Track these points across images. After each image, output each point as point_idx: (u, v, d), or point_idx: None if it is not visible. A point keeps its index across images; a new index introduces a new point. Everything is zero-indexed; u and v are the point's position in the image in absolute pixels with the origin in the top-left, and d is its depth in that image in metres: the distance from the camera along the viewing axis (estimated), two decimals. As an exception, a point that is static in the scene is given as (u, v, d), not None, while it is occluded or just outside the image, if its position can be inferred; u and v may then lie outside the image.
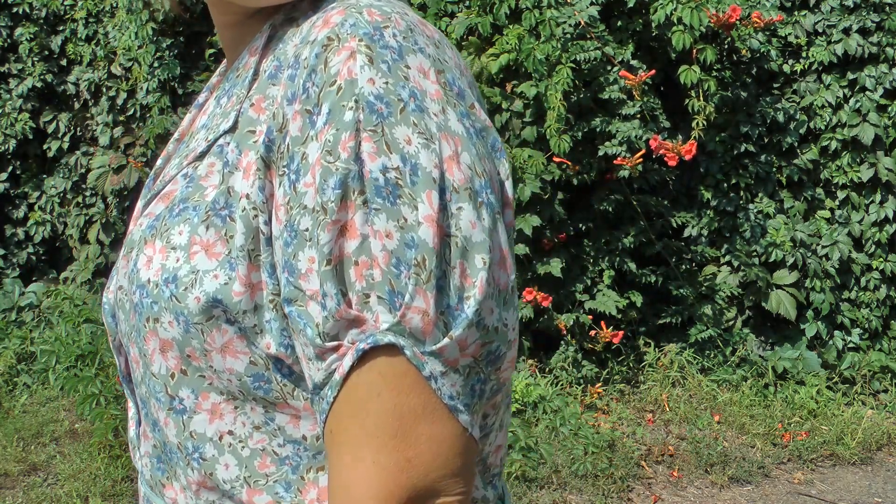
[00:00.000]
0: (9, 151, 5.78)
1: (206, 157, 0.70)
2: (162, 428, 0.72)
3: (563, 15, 3.89)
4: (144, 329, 0.69)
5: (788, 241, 4.40)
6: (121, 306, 0.72)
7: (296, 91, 0.62)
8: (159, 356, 0.69)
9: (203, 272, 0.65)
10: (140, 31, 5.30)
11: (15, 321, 5.20)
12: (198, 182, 0.69)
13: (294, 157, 0.62)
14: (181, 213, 0.68)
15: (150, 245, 0.69)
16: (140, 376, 0.72)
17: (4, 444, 3.70)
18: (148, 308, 0.68)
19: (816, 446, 3.81)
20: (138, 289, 0.68)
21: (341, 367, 0.60)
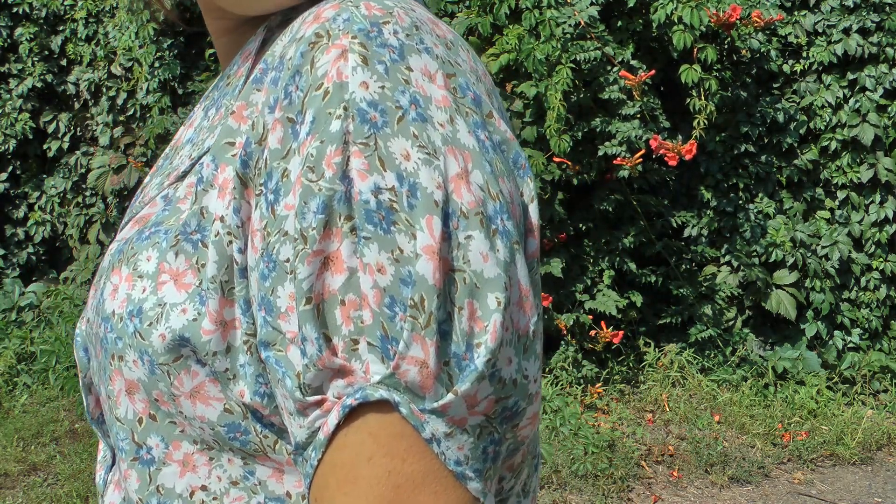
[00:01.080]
0: (9, 151, 5.78)
1: (187, 178, 0.62)
2: (126, 479, 0.62)
3: (563, 15, 3.89)
4: (110, 367, 0.59)
5: (788, 241, 4.40)
6: (90, 340, 0.63)
7: (278, 96, 0.53)
8: (125, 398, 0.59)
9: (170, 305, 0.56)
10: (141, 31, 5.30)
11: (15, 321, 5.20)
12: (175, 204, 0.61)
13: (272, 174, 0.52)
14: (151, 236, 0.59)
15: (116, 272, 0.60)
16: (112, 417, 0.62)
17: (4, 444, 3.70)
18: (112, 344, 0.59)
19: (816, 446, 3.81)
20: (103, 322, 0.59)
21: (326, 426, 0.50)
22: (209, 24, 0.72)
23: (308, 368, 0.50)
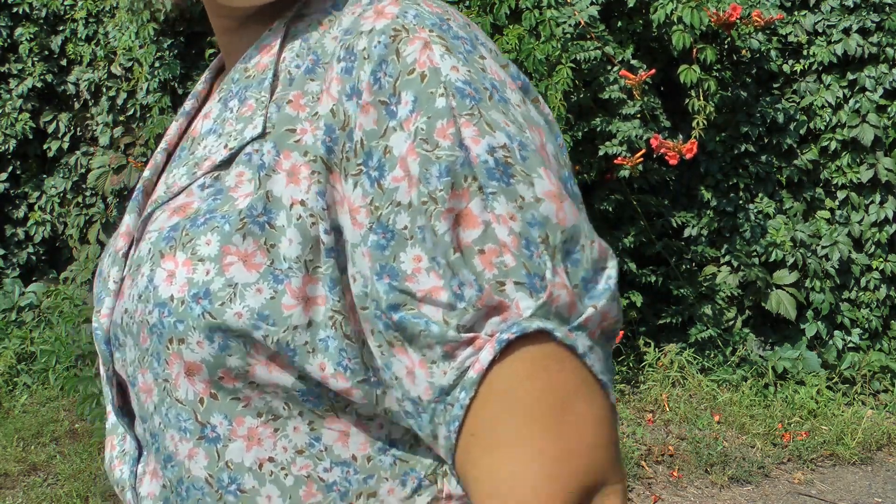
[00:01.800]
0: (9, 151, 5.78)
1: (233, 167, 0.63)
2: (183, 462, 0.63)
3: (563, 15, 3.89)
4: (167, 351, 0.61)
5: (788, 241, 4.40)
6: (127, 331, 0.65)
7: (356, 83, 0.58)
8: (185, 380, 0.62)
9: (243, 285, 0.58)
10: (141, 31, 5.30)
11: (15, 321, 5.20)
12: (227, 193, 0.62)
13: (372, 153, 0.56)
14: (207, 222, 0.61)
15: (169, 259, 0.61)
16: (152, 406, 0.64)
17: (4, 444, 3.70)
18: (171, 328, 0.60)
19: (816, 446, 3.81)
20: (157, 308, 0.61)
21: (478, 363, 0.54)
22: (214, 21, 0.74)
23: (466, 310, 0.54)
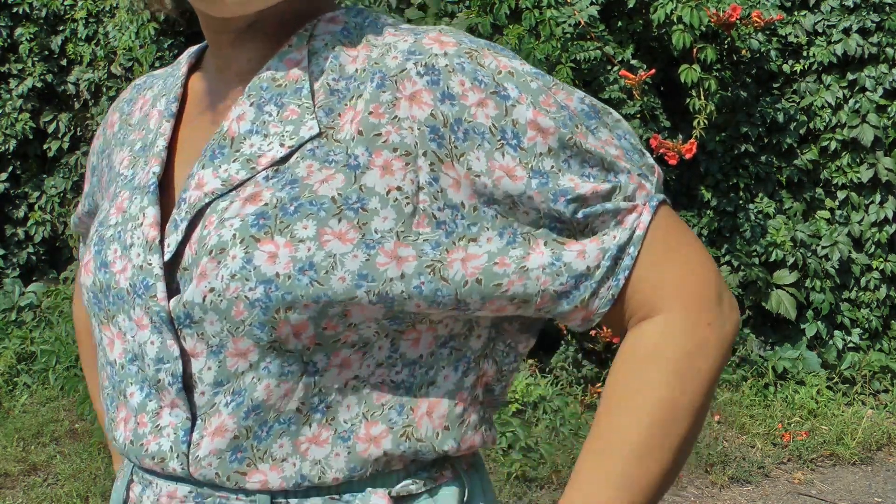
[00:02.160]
0: (9, 151, 5.78)
1: (297, 161, 0.74)
2: (274, 403, 0.74)
3: (563, 15, 3.89)
4: (274, 320, 0.71)
5: (788, 241, 4.40)
6: (210, 308, 0.72)
7: (447, 90, 0.73)
8: (293, 339, 0.72)
9: (341, 255, 0.70)
10: (141, 30, 5.30)
11: (15, 321, 5.20)
12: (301, 183, 0.73)
13: (505, 129, 0.73)
14: (298, 209, 0.72)
15: (267, 242, 0.71)
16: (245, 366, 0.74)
17: (4, 444, 3.70)
18: (279, 300, 0.70)
19: (816, 446, 3.81)
20: (261, 284, 0.70)
21: (641, 224, 0.75)
22: (209, 36, 0.83)
23: (628, 185, 0.76)
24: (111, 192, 0.86)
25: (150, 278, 0.75)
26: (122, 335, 0.79)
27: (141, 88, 0.94)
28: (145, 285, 0.76)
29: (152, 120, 0.86)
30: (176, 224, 0.76)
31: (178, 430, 0.76)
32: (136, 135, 0.87)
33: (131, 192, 0.81)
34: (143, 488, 0.81)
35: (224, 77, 0.82)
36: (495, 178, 0.72)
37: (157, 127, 0.84)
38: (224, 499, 0.77)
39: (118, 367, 0.80)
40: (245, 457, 0.75)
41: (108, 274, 0.79)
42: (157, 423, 0.78)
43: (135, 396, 0.79)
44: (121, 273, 0.78)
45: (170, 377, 0.76)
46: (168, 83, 0.88)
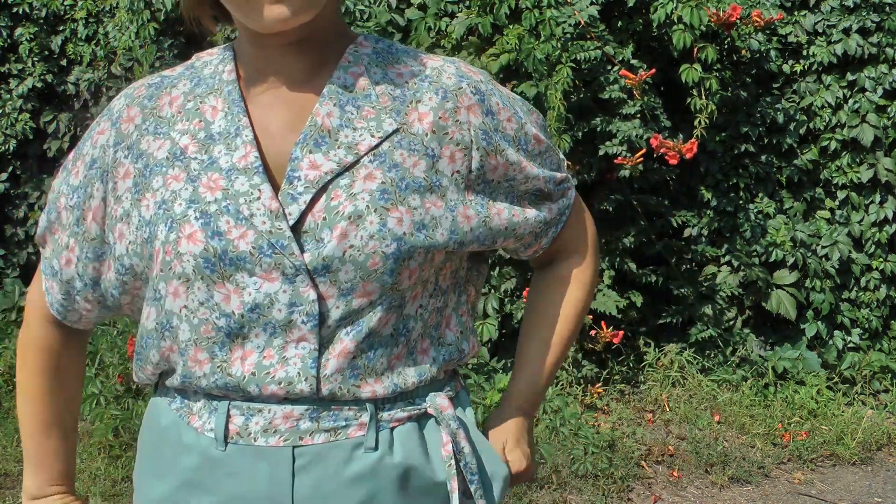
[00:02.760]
0: (9, 151, 5.77)
1: (387, 148, 0.99)
2: (380, 329, 1.00)
3: (563, 15, 3.89)
4: (398, 267, 0.97)
5: (788, 241, 4.40)
6: (348, 259, 0.95)
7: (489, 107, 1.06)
8: (407, 281, 0.99)
9: (438, 217, 1.00)
10: (141, 31, 5.30)
11: (15, 321, 5.20)
12: (401, 166, 0.99)
13: (520, 139, 1.08)
14: (407, 187, 0.98)
15: (394, 210, 0.97)
16: (366, 303, 0.98)
17: (4, 444, 3.69)
18: (405, 253, 0.97)
19: (816, 446, 3.81)
20: (395, 241, 0.96)
21: (572, 192, 1.18)
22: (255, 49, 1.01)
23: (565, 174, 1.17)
24: (174, 174, 0.99)
25: (282, 240, 0.95)
26: (240, 290, 0.96)
27: (159, 87, 1.05)
28: (279, 245, 0.95)
29: (209, 112, 1.01)
30: (294, 197, 0.96)
31: (306, 358, 0.97)
32: (184, 125, 1.01)
33: (227, 172, 0.97)
34: (246, 418, 0.99)
35: (281, 81, 1.01)
36: (520, 167, 1.07)
37: (229, 118, 0.99)
38: (337, 410, 1.00)
39: (237, 317, 0.96)
40: (359, 373, 0.99)
41: (223, 241, 0.95)
42: (283, 356, 0.97)
43: (259, 337, 0.97)
44: (240, 239, 0.95)
45: (304, 317, 0.96)
46: (209, 83, 1.03)
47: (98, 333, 4.66)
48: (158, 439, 1.06)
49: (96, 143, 1.05)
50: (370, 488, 1.00)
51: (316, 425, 0.99)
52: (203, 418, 1.02)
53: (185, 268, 0.96)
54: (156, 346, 1.02)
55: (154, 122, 1.02)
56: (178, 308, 0.98)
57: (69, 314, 1.12)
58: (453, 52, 4.10)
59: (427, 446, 1.04)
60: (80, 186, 1.05)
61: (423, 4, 4.21)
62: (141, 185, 1.01)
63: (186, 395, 1.04)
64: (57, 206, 1.08)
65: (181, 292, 0.97)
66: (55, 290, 1.10)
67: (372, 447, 1.00)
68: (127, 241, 1.01)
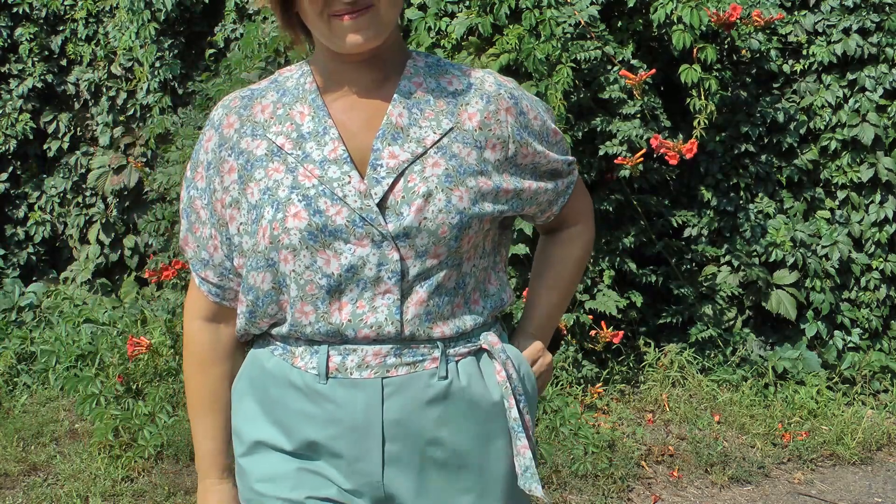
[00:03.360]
0: (9, 151, 5.77)
1: (447, 142, 1.27)
2: (444, 283, 1.27)
3: (564, 14, 3.89)
4: (461, 234, 1.25)
5: (788, 241, 4.40)
6: (422, 229, 1.23)
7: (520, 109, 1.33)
8: (466, 244, 1.27)
9: (487, 192, 1.28)
10: (141, 31, 5.30)
11: (15, 321, 5.20)
12: (458, 156, 1.26)
13: (543, 133, 1.36)
14: (464, 172, 1.26)
15: (456, 190, 1.25)
16: (435, 263, 1.25)
17: (4, 444, 3.69)
18: (466, 223, 1.25)
19: (816, 446, 3.81)
20: (458, 214, 1.24)
21: (575, 173, 1.44)
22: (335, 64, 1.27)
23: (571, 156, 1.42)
24: (274, 167, 1.25)
25: (371, 214, 1.22)
26: (338, 255, 1.22)
27: (250, 98, 1.31)
28: (369, 218, 1.22)
29: (298, 116, 1.27)
30: (377, 180, 1.23)
31: (391, 306, 1.24)
32: (278, 128, 1.27)
33: (321, 163, 1.23)
34: (343, 357, 1.25)
35: (355, 87, 1.27)
36: (544, 155, 1.36)
37: (317, 120, 1.26)
38: (415, 348, 1.26)
39: (336, 276, 1.23)
40: (431, 318, 1.27)
41: (323, 217, 1.22)
42: (373, 305, 1.24)
43: (353, 291, 1.24)
44: (336, 215, 1.22)
45: (389, 273, 1.23)
46: (294, 93, 1.29)
47: (98, 333, 4.66)
48: (265, 379, 1.31)
49: (207, 149, 1.31)
50: (444, 409, 1.28)
51: (399, 360, 1.26)
52: (305, 360, 1.27)
53: (293, 240, 1.22)
54: (275, 301, 1.28)
55: (251, 126, 1.28)
56: (288, 271, 1.25)
57: (226, 293, 1.36)
58: (453, 52, 4.10)
59: (483, 374, 1.32)
60: (206, 186, 1.31)
61: (423, 4, 4.21)
62: (244, 177, 1.27)
63: (288, 342, 1.30)
64: (194, 208, 1.33)
65: (290, 259, 1.23)
66: (211, 277, 1.35)
67: (444, 376, 1.28)
68: (238, 223, 1.28)
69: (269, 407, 1.30)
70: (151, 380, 4.15)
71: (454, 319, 1.29)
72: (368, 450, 1.25)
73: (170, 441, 3.60)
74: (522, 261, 4.05)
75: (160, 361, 4.22)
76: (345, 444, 1.25)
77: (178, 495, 3.32)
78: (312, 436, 1.27)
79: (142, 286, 5.66)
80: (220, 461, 1.39)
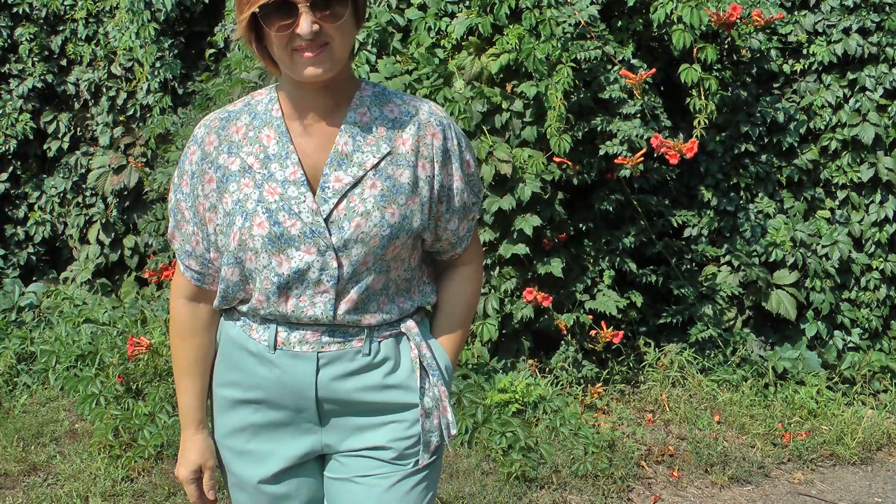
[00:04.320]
0: (9, 151, 5.77)
1: (387, 166, 1.53)
2: (371, 286, 1.55)
3: (564, 14, 3.89)
4: (388, 244, 1.52)
5: (788, 241, 4.40)
6: (359, 241, 1.50)
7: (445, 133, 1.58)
8: (391, 253, 1.53)
9: (416, 210, 1.55)
10: (142, 31, 5.30)
11: (15, 321, 5.20)
12: (393, 178, 1.53)
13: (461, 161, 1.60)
14: (397, 191, 1.52)
15: (389, 208, 1.51)
16: (365, 270, 1.53)
17: (4, 444, 3.69)
18: (392, 236, 1.51)
19: (816, 446, 3.81)
20: (389, 228, 1.51)
21: (475, 219, 1.68)
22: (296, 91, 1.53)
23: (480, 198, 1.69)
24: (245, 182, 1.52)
25: (319, 228, 1.49)
26: (290, 259, 1.50)
27: (226, 120, 1.57)
28: (318, 232, 1.49)
29: (265, 139, 1.53)
30: (325, 199, 1.50)
31: (327, 304, 1.53)
32: (249, 148, 1.53)
33: (283, 183, 1.50)
34: (287, 333, 1.56)
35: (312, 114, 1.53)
36: (458, 179, 1.60)
37: (281, 145, 1.52)
38: (345, 331, 1.56)
39: (286, 276, 1.51)
40: (359, 312, 1.55)
41: (281, 227, 1.49)
42: (312, 301, 1.53)
43: (298, 288, 1.52)
44: (292, 226, 1.49)
45: (328, 277, 1.51)
46: (263, 118, 1.55)
47: (98, 333, 4.66)
48: (229, 344, 1.62)
49: (191, 161, 1.57)
50: (364, 379, 1.59)
51: (332, 339, 1.56)
52: (259, 333, 1.58)
53: (255, 244, 1.50)
54: (242, 290, 1.59)
55: (227, 145, 1.55)
56: (251, 269, 1.54)
57: (205, 278, 1.63)
58: (453, 52, 4.10)
59: (401, 354, 1.62)
60: (191, 192, 1.57)
61: (423, 4, 4.21)
62: (221, 187, 1.54)
63: (248, 317, 1.60)
64: (180, 209, 1.60)
65: (253, 259, 1.52)
66: (193, 265, 1.61)
67: (367, 353, 1.58)
68: (214, 224, 1.55)
69: (231, 367, 1.62)
70: (151, 380, 4.14)
71: (379, 313, 1.57)
72: (307, 406, 1.58)
73: (170, 441, 3.60)
74: (522, 261, 4.05)
75: (160, 361, 4.21)
76: (290, 400, 1.58)
77: (178, 495, 3.31)
78: (263, 395, 1.59)
79: (142, 286, 5.66)
80: (197, 416, 1.67)
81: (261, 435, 1.62)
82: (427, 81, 4.00)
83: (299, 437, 1.61)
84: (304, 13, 1.40)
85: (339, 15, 1.43)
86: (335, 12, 1.43)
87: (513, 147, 3.99)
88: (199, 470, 1.67)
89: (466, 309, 1.73)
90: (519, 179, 3.91)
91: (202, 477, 1.68)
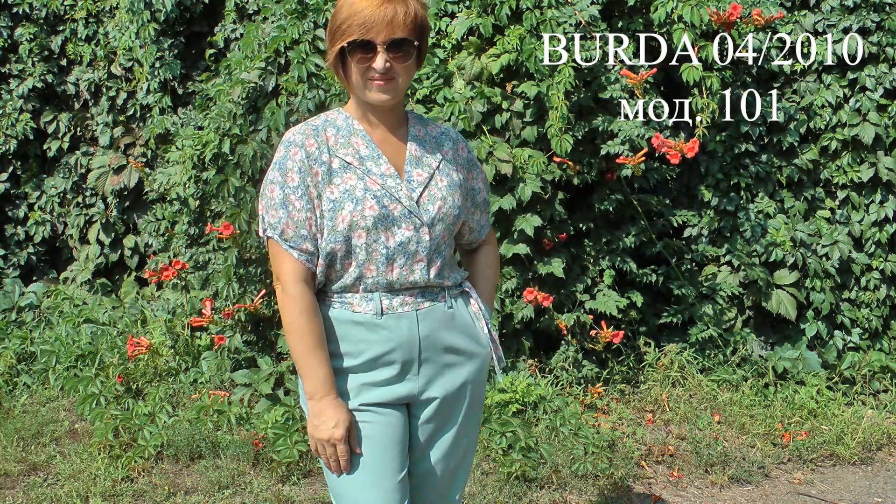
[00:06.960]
0: (9, 152, 5.77)
1: (444, 167, 2.00)
2: (445, 256, 1.99)
3: (564, 15, 3.88)
4: (455, 223, 1.99)
5: (788, 240, 4.40)
6: (442, 218, 1.94)
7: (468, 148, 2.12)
8: (455, 230, 2.02)
9: (464, 199, 2.04)
10: (141, 31, 5.30)
11: (15, 321, 5.20)
12: (449, 175, 2.00)
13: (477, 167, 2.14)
14: (454, 185, 1.99)
15: (455, 195, 1.98)
16: (443, 243, 1.97)
17: (4, 444, 3.69)
18: (458, 216, 1.99)
19: (816, 446, 3.81)
20: (458, 209, 1.98)
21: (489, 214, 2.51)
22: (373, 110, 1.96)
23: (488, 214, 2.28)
24: (347, 176, 1.90)
25: (415, 209, 1.91)
26: (394, 235, 1.89)
27: (317, 130, 1.94)
28: (415, 212, 1.91)
29: (356, 144, 1.93)
30: (413, 189, 1.92)
31: (423, 269, 1.94)
32: (344, 151, 1.92)
33: (381, 176, 1.90)
34: (390, 300, 1.93)
35: (383, 127, 1.97)
36: (479, 181, 2.13)
37: (370, 149, 1.94)
38: (432, 291, 1.98)
39: (392, 248, 1.90)
40: (441, 276, 1.97)
41: (387, 210, 1.88)
42: (412, 269, 1.93)
43: (401, 259, 1.91)
44: (394, 209, 1.89)
45: (423, 248, 1.93)
46: (347, 130, 1.95)
47: (98, 333, 4.66)
48: (335, 323, 1.94)
49: (295, 159, 1.89)
50: (448, 326, 2.00)
51: (424, 299, 1.97)
52: (363, 306, 1.93)
53: (367, 223, 1.87)
54: (344, 262, 1.92)
55: (326, 147, 1.92)
56: (361, 244, 1.91)
57: (313, 259, 1.92)
58: (453, 52, 4.10)
59: (466, 307, 2.06)
60: (300, 184, 1.89)
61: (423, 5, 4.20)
62: (325, 180, 1.90)
63: (343, 297, 1.94)
64: (289, 200, 1.89)
65: (363, 235, 1.89)
66: (308, 247, 1.91)
67: (449, 307, 2.00)
68: (320, 210, 1.90)
69: (333, 341, 1.95)
70: (151, 380, 4.14)
71: (452, 275, 2.02)
72: (412, 354, 1.95)
73: (170, 441, 3.60)
74: (523, 260, 4.05)
75: (160, 361, 4.21)
76: (398, 354, 1.94)
77: (178, 495, 3.31)
78: (373, 354, 1.93)
79: (142, 286, 5.66)
80: (333, 381, 1.93)
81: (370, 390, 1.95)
82: (427, 81, 4.00)
83: (399, 385, 1.95)
84: (381, 52, 1.84)
85: (406, 57, 1.88)
86: (404, 55, 1.87)
87: (513, 147, 3.99)
88: (350, 427, 1.93)
89: (493, 276, 2.21)
90: (519, 179, 3.90)
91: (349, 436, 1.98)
